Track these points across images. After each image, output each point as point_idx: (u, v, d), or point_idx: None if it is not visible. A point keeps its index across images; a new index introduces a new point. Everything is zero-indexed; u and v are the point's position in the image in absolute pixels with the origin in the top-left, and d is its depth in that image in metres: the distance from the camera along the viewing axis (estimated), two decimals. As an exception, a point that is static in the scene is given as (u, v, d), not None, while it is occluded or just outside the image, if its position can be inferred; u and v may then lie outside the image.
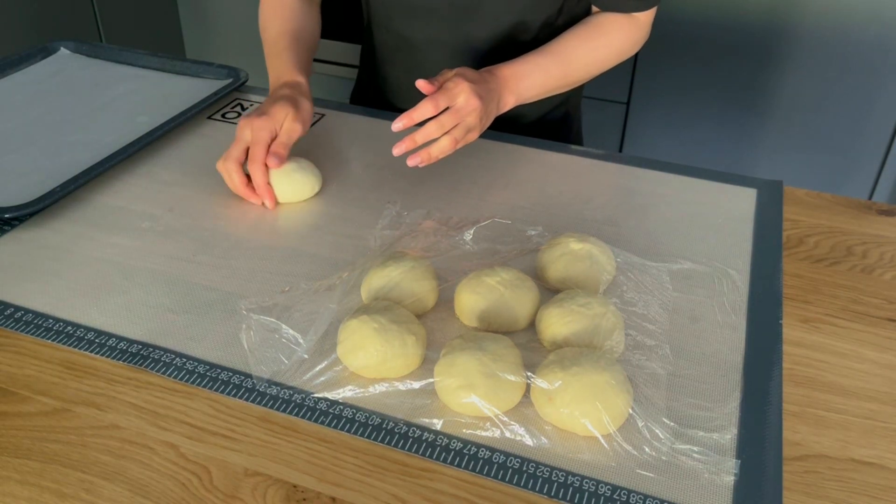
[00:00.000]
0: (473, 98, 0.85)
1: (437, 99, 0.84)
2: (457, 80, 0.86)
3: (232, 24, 2.51)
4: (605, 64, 1.03)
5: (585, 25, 1.01)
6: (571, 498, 0.59)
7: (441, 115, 0.84)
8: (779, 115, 2.02)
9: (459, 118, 0.85)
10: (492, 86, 0.90)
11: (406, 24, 1.08)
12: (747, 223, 0.90)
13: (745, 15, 1.91)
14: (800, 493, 0.60)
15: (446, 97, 0.84)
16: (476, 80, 0.87)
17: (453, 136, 0.86)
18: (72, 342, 0.72)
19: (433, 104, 0.83)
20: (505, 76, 0.93)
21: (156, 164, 0.99)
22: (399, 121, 0.83)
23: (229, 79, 1.16)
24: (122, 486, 0.60)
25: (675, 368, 0.70)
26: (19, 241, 0.85)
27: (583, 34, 1.00)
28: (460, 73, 0.87)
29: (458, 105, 0.85)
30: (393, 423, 0.64)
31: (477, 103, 0.85)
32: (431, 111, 0.84)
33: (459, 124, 0.85)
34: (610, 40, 1.02)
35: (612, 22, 1.02)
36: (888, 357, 0.73)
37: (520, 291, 0.74)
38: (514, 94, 0.94)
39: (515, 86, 0.94)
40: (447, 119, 0.85)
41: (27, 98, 1.13)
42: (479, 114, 0.86)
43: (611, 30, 1.02)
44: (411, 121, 0.83)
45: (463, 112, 0.85)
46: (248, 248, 0.85)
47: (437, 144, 0.85)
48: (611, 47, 1.02)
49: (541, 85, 0.97)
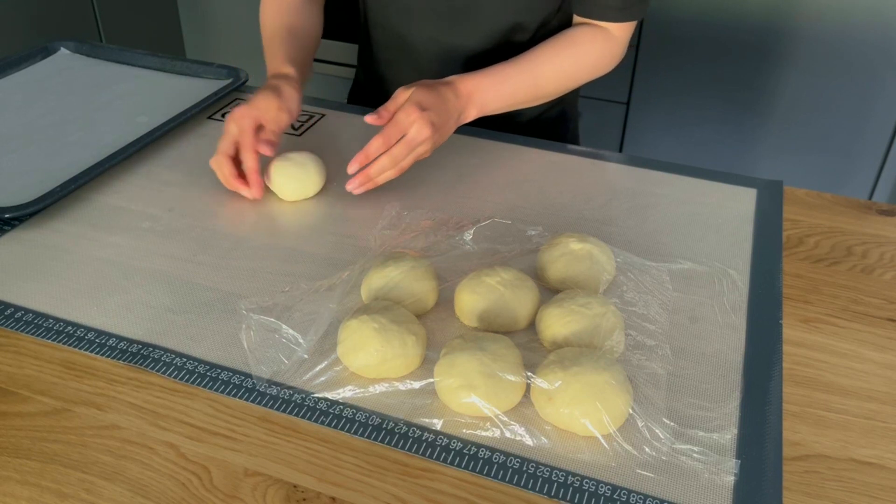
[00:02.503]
0: (425, 128, 0.86)
1: (388, 134, 0.86)
2: (409, 110, 0.86)
3: (232, 24, 2.51)
4: (577, 78, 1.02)
5: (558, 39, 1.00)
6: (571, 498, 0.59)
7: (394, 147, 0.86)
8: (779, 115, 2.02)
9: (410, 149, 0.87)
10: (450, 104, 0.90)
11: (403, 23, 1.08)
12: (747, 223, 0.90)
13: (745, 15, 1.91)
14: (800, 493, 0.60)
15: (398, 129, 0.86)
16: (430, 104, 0.87)
17: (401, 166, 0.88)
18: (72, 342, 0.72)
19: (385, 140, 0.86)
20: (468, 89, 0.93)
21: (156, 164, 0.99)
22: (354, 162, 0.86)
23: (229, 79, 1.16)
24: (122, 486, 0.60)
25: (675, 368, 0.70)
26: (19, 241, 0.85)
27: (555, 47, 0.99)
28: (413, 101, 0.87)
29: (409, 136, 0.86)
30: (393, 423, 0.64)
31: (428, 133, 0.86)
32: (384, 148, 0.86)
33: (410, 154, 0.87)
34: (582, 54, 1.00)
35: (585, 35, 1.00)
36: (888, 357, 0.73)
37: (520, 291, 0.74)
38: (477, 107, 0.94)
39: (479, 98, 0.94)
40: (399, 151, 0.86)
41: (27, 98, 1.13)
42: (430, 143, 0.88)
43: (583, 43, 1.00)
44: (367, 158, 0.86)
45: (414, 143, 0.86)
46: (248, 248, 0.85)
47: (384, 174, 0.88)
48: (583, 61, 1.01)
49: (508, 98, 0.97)
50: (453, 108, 0.90)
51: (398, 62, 1.13)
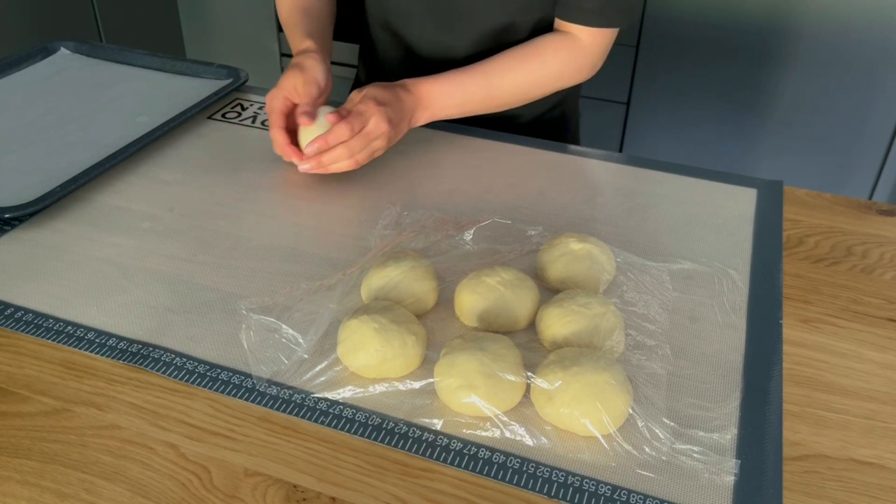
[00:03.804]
0: (383, 123, 0.88)
1: (351, 123, 0.88)
2: (367, 104, 0.88)
3: (232, 24, 2.51)
4: (539, 87, 1.01)
5: (520, 47, 1.00)
6: (571, 498, 0.59)
7: (351, 139, 0.88)
8: (779, 115, 2.02)
9: (367, 142, 0.89)
10: (405, 104, 0.92)
11: (402, 23, 1.08)
12: (747, 223, 0.90)
13: (745, 15, 1.92)
14: (800, 493, 0.60)
15: (359, 121, 0.88)
16: (387, 101, 0.89)
17: (356, 159, 0.90)
18: (72, 342, 0.72)
19: (349, 128, 0.87)
20: (421, 93, 0.94)
21: (156, 164, 0.99)
22: (313, 144, 0.89)
23: (229, 79, 1.16)
24: (122, 486, 0.60)
25: (675, 368, 0.70)
26: (19, 241, 0.85)
27: (515, 56, 0.99)
28: (370, 96, 0.89)
29: (367, 129, 0.88)
30: (393, 423, 0.64)
31: (386, 128, 0.88)
32: (347, 135, 0.88)
33: (366, 147, 0.89)
34: (543, 63, 0.99)
35: (550, 46, 0.99)
36: (888, 357, 0.73)
37: (520, 291, 0.74)
38: (429, 112, 0.96)
39: (431, 104, 0.95)
40: (355, 143, 0.89)
41: (27, 98, 1.13)
42: (387, 137, 0.90)
43: (546, 54, 0.99)
44: (326, 144, 0.88)
45: (371, 136, 0.89)
46: (248, 248, 0.85)
47: (338, 164, 0.90)
48: (544, 71, 1.00)
49: (459, 105, 0.98)
50: (407, 108, 0.93)
51: (398, 62, 1.13)
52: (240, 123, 1.08)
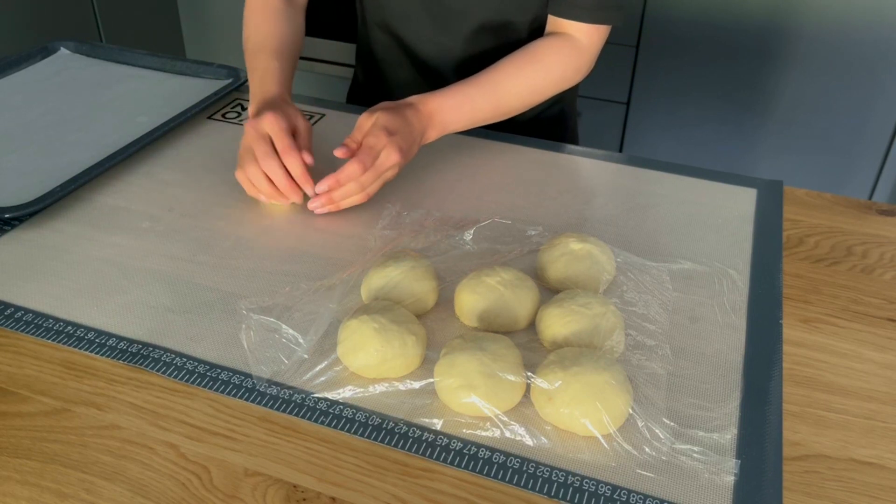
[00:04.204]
0: (394, 154, 0.86)
1: (363, 160, 0.85)
2: (378, 135, 0.86)
3: (232, 24, 2.51)
4: (542, 92, 1.01)
5: (522, 53, 0.99)
6: (571, 498, 0.59)
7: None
8: (779, 115, 2.02)
9: (378, 174, 0.87)
10: (414, 128, 0.90)
11: (399, 24, 1.08)
12: (747, 223, 0.90)
13: (745, 15, 1.92)
14: (800, 493, 0.60)
15: (371, 156, 0.85)
16: (397, 129, 0.87)
17: (367, 192, 0.88)
18: (72, 342, 0.72)
19: (360, 166, 0.85)
20: (430, 111, 0.92)
21: (156, 164, 0.99)
22: (324, 183, 0.85)
23: (229, 79, 1.16)
24: (122, 486, 0.60)
25: (675, 368, 0.70)
26: (19, 241, 0.85)
27: (517, 62, 0.98)
28: (379, 125, 0.86)
29: (378, 162, 0.86)
30: (393, 423, 0.64)
31: (397, 159, 0.86)
32: (360, 173, 0.85)
33: (377, 179, 0.87)
34: (546, 69, 0.99)
35: (550, 48, 0.99)
36: (888, 357, 0.73)
37: (520, 291, 0.74)
38: (438, 129, 0.94)
39: (440, 119, 0.93)
40: (367, 178, 0.86)
41: (27, 98, 1.13)
42: (398, 167, 0.88)
43: (548, 57, 0.99)
44: (338, 184, 0.86)
45: (381, 169, 0.86)
46: (248, 248, 0.85)
47: (350, 199, 0.88)
48: (547, 75, 0.99)
49: (468, 118, 0.96)
50: (417, 130, 0.90)
51: (395, 62, 1.13)
52: (240, 123, 1.08)
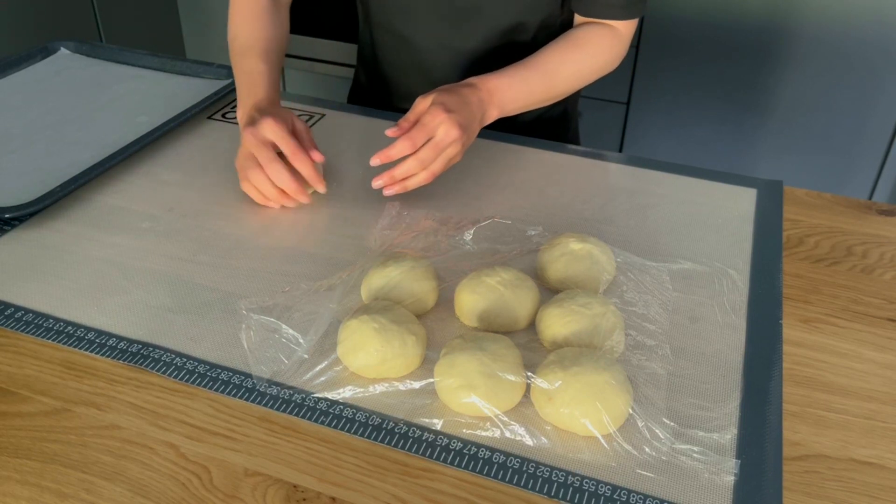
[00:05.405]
0: (454, 129, 0.84)
1: (414, 137, 0.83)
2: (434, 112, 0.84)
3: (232, 24, 2.50)
4: (587, 78, 1.02)
5: (566, 40, 1.00)
6: (571, 498, 0.59)
7: (420, 149, 0.84)
8: (779, 115, 2.02)
9: (439, 151, 0.84)
10: (474, 105, 0.88)
11: (405, 24, 1.08)
12: (747, 223, 0.90)
13: (745, 15, 1.92)
14: (800, 493, 0.60)
15: (424, 132, 0.83)
16: (456, 106, 0.85)
17: (431, 170, 0.86)
18: (72, 342, 0.72)
19: (410, 143, 0.83)
20: (489, 88, 0.91)
21: (156, 164, 0.99)
22: (377, 157, 0.84)
23: (229, 79, 1.16)
24: (122, 486, 0.60)
25: (675, 368, 0.70)
26: (19, 241, 0.85)
27: (564, 48, 0.99)
28: (438, 102, 0.85)
29: (437, 138, 0.84)
30: (393, 423, 0.64)
31: (457, 134, 0.84)
32: (409, 150, 0.83)
33: (440, 156, 0.85)
34: (592, 54, 1.00)
35: (595, 35, 1.00)
36: (888, 357, 0.73)
37: (520, 291, 0.74)
38: (498, 108, 0.93)
39: (500, 99, 0.92)
40: (426, 154, 0.84)
41: (27, 98, 1.13)
42: (460, 143, 0.85)
43: (592, 44, 1.00)
44: (388, 158, 0.84)
45: (442, 145, 0.84)
46: (248, 248, 0.85)
47: (414, 178, 0.86)
48: (592, 61, 1.01)
49: (524, 98, 0.96)
50: (476, 109, 0.89)
51: (400, 63, 1.12)
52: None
